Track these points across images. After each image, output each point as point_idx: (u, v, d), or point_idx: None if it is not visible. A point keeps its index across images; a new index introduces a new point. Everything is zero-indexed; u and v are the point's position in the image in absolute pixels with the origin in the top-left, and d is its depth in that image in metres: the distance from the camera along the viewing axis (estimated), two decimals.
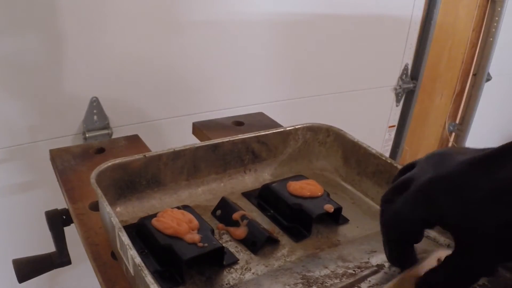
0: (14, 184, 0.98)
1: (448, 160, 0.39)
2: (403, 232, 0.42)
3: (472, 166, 0.36)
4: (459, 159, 0.38)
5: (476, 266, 0.37)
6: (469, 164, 0.37)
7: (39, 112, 0.95)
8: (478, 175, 0.36)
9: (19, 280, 0.59)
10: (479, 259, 0.36)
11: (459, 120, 2.27)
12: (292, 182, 0.61)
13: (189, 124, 0.86)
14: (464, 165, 0.37)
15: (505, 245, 0.35)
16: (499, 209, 0.34)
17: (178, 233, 0.49)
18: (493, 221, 0.34)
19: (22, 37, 0.87)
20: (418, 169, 0.43)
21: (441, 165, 0.39)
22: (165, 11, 1.02)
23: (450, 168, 0.38)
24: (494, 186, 0.35)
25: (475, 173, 0.36)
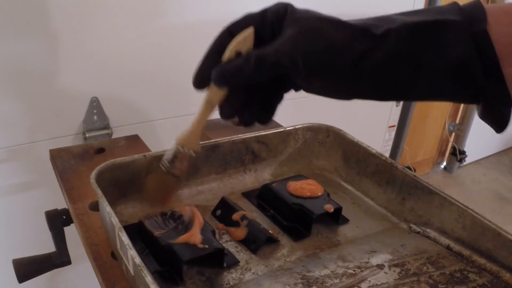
0: (14, 184, 0.98)
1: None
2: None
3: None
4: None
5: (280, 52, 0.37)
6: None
7: (39, 112, 0.95)
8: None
9: (19, 280, 0.59)
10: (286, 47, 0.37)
11: (459, 120, 2.27)
12: (292, 182, 0.61)
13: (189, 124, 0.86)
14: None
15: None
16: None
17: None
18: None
19: (22, 38, 0.87)
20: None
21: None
22: (165, 11, 1.02)
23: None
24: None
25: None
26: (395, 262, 0.53)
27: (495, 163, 2.56)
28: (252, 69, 0.38)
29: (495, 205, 2.17)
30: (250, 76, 0.39)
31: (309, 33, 0.37)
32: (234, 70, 0.40)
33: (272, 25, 0.39)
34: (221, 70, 0.40)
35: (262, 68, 0.38)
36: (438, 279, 0.50)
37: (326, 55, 0.36)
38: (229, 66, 0.40)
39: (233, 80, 0.40)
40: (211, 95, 0.44)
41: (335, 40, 0.36)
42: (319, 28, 0.37)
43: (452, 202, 0.55)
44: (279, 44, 0.37)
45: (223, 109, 0.44)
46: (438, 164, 2.43)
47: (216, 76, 0.41)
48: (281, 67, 0.37)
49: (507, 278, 0.51)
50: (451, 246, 0.56)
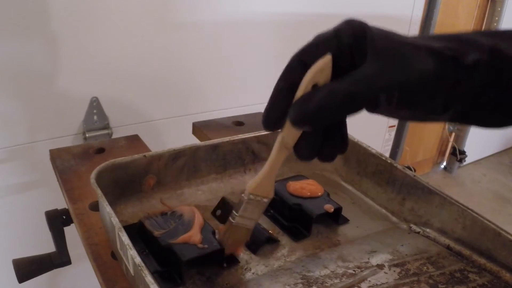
0: (14, 184, 0.98)
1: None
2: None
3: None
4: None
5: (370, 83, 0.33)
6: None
7: (39, 112, 0.95)
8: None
9: (19, 280, 0.59)
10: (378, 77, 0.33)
11: None
12: (292, 182, 0.61)
13: (189, 124, 0.86)
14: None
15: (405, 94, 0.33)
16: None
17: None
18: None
19: (22, 39, 0.87)
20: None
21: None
22: (166, 11, 1.02)
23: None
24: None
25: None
26: (395, 262, 0.53)
27: (495, 163, 2.56)
28: (340, 106, 0.33)
29: (495, 205, 2.17)
30: (337, 114, 0.34)
31: (399, 63, 0.33)
32: (317, 108, 0.34)
33: (350, 49, 0.34)
34: (302, 110, 0.35)
35: (353, 105, 0.33)
36: (438, 279, 0.50)
37: (421, 88, 0.33)
38: (311, 104, 0.34)
39: (317, 120, 0.35)
40: (286, 136, 0.39)
41: (425, 70, 0.33)
42: (408, 56, 0.33)
43: (452, 202, 0.55)
44: (371, 77, 0.33)
45: (301, 150, 0.39)
46: (438, 164, 2.43)
47: (296, 116, 0.35)
48: (376, 103, 0.33)
49: (507, 278, 0.50)
50: (451, 246, 0.56)
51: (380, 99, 0.33)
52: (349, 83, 0.33)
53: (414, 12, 1.52)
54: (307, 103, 0.34)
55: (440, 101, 0.34)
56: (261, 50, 1.21)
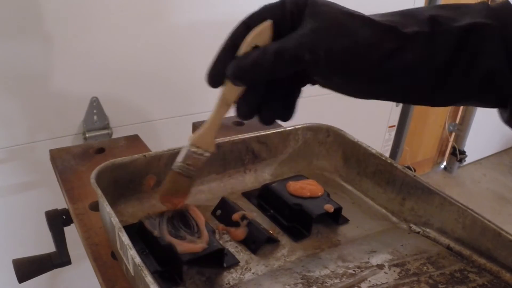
0: (14, 184, 0.98)
1: None
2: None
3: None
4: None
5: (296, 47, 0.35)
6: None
7: (39, 112, 0.95)
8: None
9: (19, 280, 0.59)
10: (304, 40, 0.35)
11: (459, 120, 2.27)
12: (292, 182, 0.61)
13: (189, 124, 0.86)
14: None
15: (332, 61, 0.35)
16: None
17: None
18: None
19: (22, 39, 0.87)
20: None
21: None
22: (166, 11, 1.02)
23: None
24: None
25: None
26: (395, 262, 0.53)
27: (495, 163, 2.56)
28: (271, 63, 0.36)
29: (495, 205, 2.17)
30: (269, 71, 0.37)
31: (333, 28, 0.34)
32: (251, 64, 0.37)
33: (292, 16, 0.37)
34: (238, 65, 0.37)
35: (282, 62, 0.36)
36: (438, 279, 0.50)
37: (351, 53, 0.34)
38: (245, 60, 0.37)
39: (251, 75, 0.37)
40: (227, 93, 0.41)
41: (360, 37, 0.34)
42: (344, 23, 0.35)
43: (452, 202, 0.55)
44: (299, 37, 0.35)
45: (240, 108, 0.41)
46: (438, 164, 2.43)
47: (232, 71, 0.38)
48: (301, 61, 0.35)
49: (507, 278, 0.50)
50: (451, 246, 0.56)
51: (305, 58, 0.35)
52: (280, 42, 0.36)
53: None
54: (242, 60, 0.37)
55: (379, 70, 0.34)
56: None
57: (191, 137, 0.48)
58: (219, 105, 0.44)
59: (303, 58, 0.35)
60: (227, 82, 0.40)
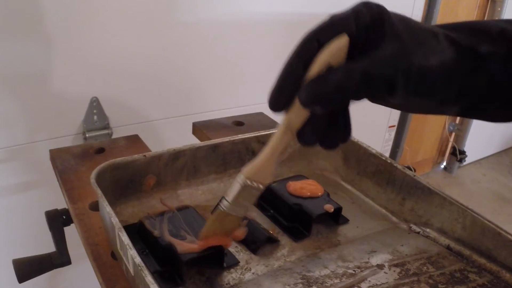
0: (14, 184, 0.98)
1: None
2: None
3: None
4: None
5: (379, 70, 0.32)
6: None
7: (39, 112, 0.95)
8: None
9: (19, 280, 0.59)
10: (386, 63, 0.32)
11: (459, 120, 2.27)
12: (292, 182, 0.61)
13: (189, 124, 0.86)
14: None
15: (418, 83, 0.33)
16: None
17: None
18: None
19: (22, 39, 0.87)
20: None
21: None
22: (166, 11, 1.02)
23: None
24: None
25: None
26: (395, 262, 0.53)
27: (495, 163, 2.56)
28: (358, 86, 0.32)
29: (495, 205, 2.17)
30: (355, 95, 0.33)
31: (421, 47, 0.32)
32: (333, 88, 0.32)
33: (367, 31, 0.33)
34: (316, 89, 0.33)
35: (370, 85, 0.32)
36: (438, 279, 0.50)
37: (436, 73, 0.32)
38: (327, 83, 0.33)
39: (333, 100, 0.33)
40: (292, 118, 0.36)
41: (447, 57, 0.32)
42: (427, 42, 0.33)
43: (452, 202, 0.55)
44: (389, 57, 0.32)
45: (305, 135, 0.37)
46: (438, 164, 2.43)
47: (309, 96, 0.33)
48: (393, 84, 0.32)
49: (507, 278, 0.50)
50: (451, 246, 0.56)
51: (398, 81, 0.32)
52: (367, 62, 0.32)
53: (414, 12, 1.52)
54: (321, 83, 0.33)
55: (454, 90, 0.34)
56: (261, 50, 1.21)
57: (246, 171, 0.41)
58: (282, 132, 0.38)
59: (396, 80, 0.32)
60: (295, 106, 0.35)
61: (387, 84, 0.32)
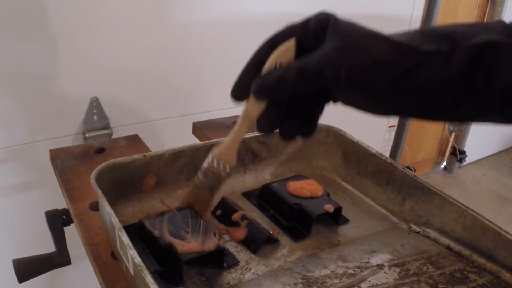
0: (14, 184, 0.98)
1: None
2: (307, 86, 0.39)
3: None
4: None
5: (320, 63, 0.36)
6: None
7: (39, 112, 0.95)
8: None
9: (19, 280, 0.59)
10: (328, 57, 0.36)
11: None
12: (292, 182, 0.61)
13: (189, 124, 0.86)
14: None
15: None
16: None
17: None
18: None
19: (22, 39, 0.87)
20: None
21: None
22: (165, 11, 1.02)
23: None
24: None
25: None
26: (395, 262, 0.53)
27: (495, 163, 2.56)
28: (294, 80, 0.37)
29: (495, 205, 2.17)
30: (291, 87, 0.38)
31: (354, 46, 0.36)
32: (275, 81, 0.38)
33: (315, 35, 0.38)
34: (262, 82, 0.39)
35: (304, 79, 0.37)
36: (438, 279, 0.50)
37: (371, 71, 0.35)
38: (269, 77, 0.39)
39: (274, 92, 0.39)
40: (250, 108, 0.42)
41: (380, 55, 0.35)
42: (364, 42, 0.36)
43: (452, 202, 0.55)
44: (322, 55, 0.36)
45: (261, 123, 0.42)
46: (438, 164, 2.43)
47: (256, 88, 0.40)
48: (323, 78, 0.36)
49: (507, 278, 0.51)
50: (451, 246, 0.56)
51: (328, 77, 0.36)
52: (304, 60, 0.37)
53: (414, 12, 1.52)
54: (266, 77, 0.39)
55: (389, 89, 0.35)
56: None
57: (213, 151, 0.49)
58: (241, 120, 0.45)
59: (324, 74, 0.36)
60: (251, 97, 0.41)
61: (320, 78, 0.36)
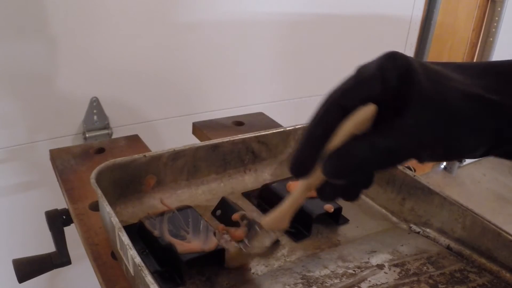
0: (14, 184, 0.98)
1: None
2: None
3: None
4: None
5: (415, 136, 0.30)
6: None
7: (39, 112, 0.95)
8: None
9: (19, 280, 0.59)
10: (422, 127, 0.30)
11: None
12: (292, 182, 0.61)
13: (189, 124, 0.86)
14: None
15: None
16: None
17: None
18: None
19: (23, 39, 0.87)
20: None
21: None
22: (165, 11, 1.02)
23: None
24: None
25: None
26: (395, 262, 0.53)
27: (495, 163, 2.56)
28: (381, 161, 0.31)
29: (495, 205, 2.17)
30: (376, 169, 0.32)
31: (451, 119, 0.30)
32: (357, 163, 0.31)
33: (394, 94, 0.31)
34: (340, 163, 0.31)
35: (393, 161, 0.31)
36: (438, 279, 0.50)
37: (465, 140, 0.31)
38: (350, 158, 0.31)
39: (355, 174, 0.32)
40: (313, 181, 0.36)
41: (473, 124, 0.30)
42: (461, 111, 0.30)
43: (452, 202, 0.55)
44: (417, 132, 0.30)
45: (325, 193, 0.36)
46: (438, 164, 2.43)
47: (333, 170, 0.32)
48: (417, 159, 0.31)
49: (507, 278, 0.50)
50: (451, 246, 0.56)
51: (422, 154, 0.31)
52: (392, 136, 0.30)
53: (414, 12, 1.52)
54: (345, 158, 0.31)
55: (480, 150, 0.32)
56: (261, 50, 1.21)
57: (266, 223, 0.44)
58: (301, 191, 0.39)
59: (421, 156, 0.31)
60: (317, 172, 0.34)
61: (411, 158, 0.31)
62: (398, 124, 0.30)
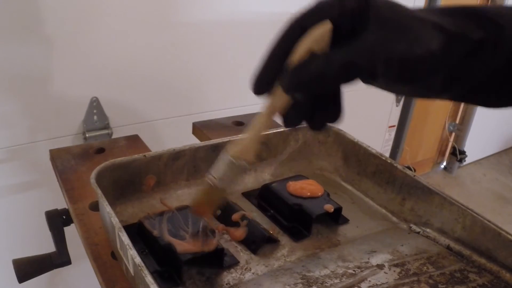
0: (14, 184, 0.98)
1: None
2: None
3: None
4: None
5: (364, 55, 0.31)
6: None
7: (39, 112, 0.95)
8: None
9: (19, 280, 0.59)
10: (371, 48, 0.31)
11: (459, 120, 2.27)
12: (292, 182, 0.61)
13: (189, 124, 0.86)
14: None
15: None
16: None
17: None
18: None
19: (22, 40, 0.87)
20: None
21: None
22: (165, 11, 1.02)
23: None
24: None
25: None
26: (395, 262, 0.53)
27: (495, 163, 2.56)
28: (337, 75, 0.32)
29: (495, 205, 2.17)
30: (333, 83, 0.33)
31: (406, 35, 0.31)
32: (313, 76, 0.32)
33: (352, 15, 0.32)
34: (296, 77, 0.33)
35: (350, 74, 0.32)
36: (438, 279, 0.50)
37: (423, 63, 0.31)
38: (307, 71, 0.33)
39: (313, 88, 0.33)
40: (275, 101, 0.37)
41: (434, 45, 0.31)
42: (416, 29, 0.31)
43: (452, 202, 0.55)
44: (370, 46, 0.31)
45: (289, 118, 0.37)
46: (438, 164, 2.43)
47: (290, 83, 0.34)
48: (373, 74, 0.32)
49: (507, 278, 0.51)
50: (451, 246, 0.56)
51: (378, 71, 0.32)
52: (348, 51, 0.32)
53: None
54: (302, 71, 0.33)
55: (440, 79, 0.33)
56: (261, 50, 1.21)
57: (231, 148, 0.43)
58: (264, 114, 0.39)
59: (376, 70, 0.32)
60: (277, 91, 0.35)
61: (366, 73, 0.32)
62: (354, 42, 0.32)
